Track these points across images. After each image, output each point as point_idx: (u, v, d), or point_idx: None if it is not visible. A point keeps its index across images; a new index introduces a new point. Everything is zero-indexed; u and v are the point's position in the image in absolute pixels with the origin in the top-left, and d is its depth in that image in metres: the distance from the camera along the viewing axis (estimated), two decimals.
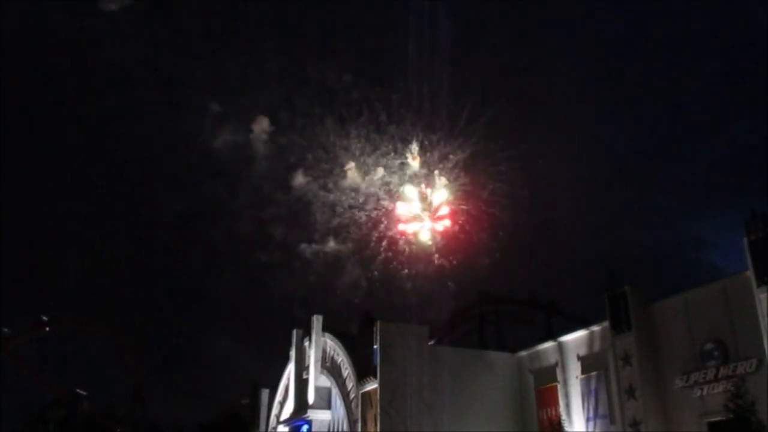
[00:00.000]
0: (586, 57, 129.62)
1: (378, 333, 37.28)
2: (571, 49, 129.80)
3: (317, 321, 44.28)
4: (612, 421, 32.47)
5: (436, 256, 75.00)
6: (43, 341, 75.00)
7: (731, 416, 25.07)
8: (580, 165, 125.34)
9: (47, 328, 74.23)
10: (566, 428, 33.73)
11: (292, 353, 46.97)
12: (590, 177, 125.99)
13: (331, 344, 42.96)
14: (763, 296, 26.19)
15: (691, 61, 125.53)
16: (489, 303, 61.14)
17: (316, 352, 43.54)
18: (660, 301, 32.18)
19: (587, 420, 33.87)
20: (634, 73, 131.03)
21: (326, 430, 42.68)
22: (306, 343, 45.60)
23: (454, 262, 73.24)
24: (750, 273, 26.92)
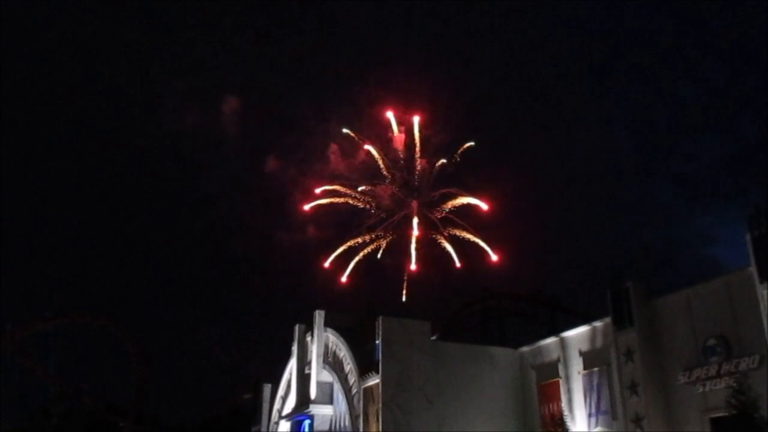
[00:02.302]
0: (589, 51, 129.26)
1: (380, 328, 37.28)
2: (574, 43, 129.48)
3: (319, 316, 44.29)
4: (614, 417, 32.43)
5: (416, 247, 74.67)
6: (46, 335, 75.10)
7: (734, 412, 24.97)
8: (582, 160, 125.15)
9: (50, 323, 74.25)
10: (568, 424, 33.69)
11: (294, 348, 47.00)
12: (593, 172, 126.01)
13: (333, 339, 42.96)
14: (765, 292, 26.08)
15: (694, 55, 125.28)
16: (491, 298, 61.14)
17: (318, 347, 43.56)
18: (663, 297, 32.07)
19: (589, 416, 33.83)
20: (637, 68, 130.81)
21: (328, 425, 42.74)
22: (308, 338, 45.62)
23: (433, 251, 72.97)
24: (753, 269, 26.81)
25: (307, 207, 73.77)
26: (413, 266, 68.78)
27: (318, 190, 72.92)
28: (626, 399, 31.31)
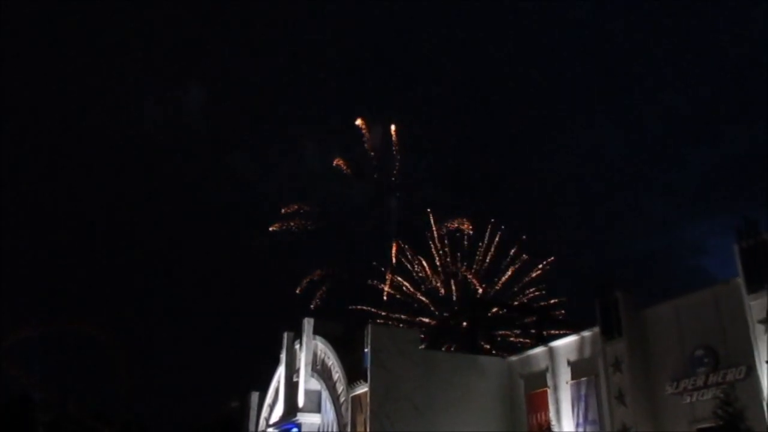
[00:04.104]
0: (581, 60, 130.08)
1: (368, 336, 37.19)
2: (566, 54, 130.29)
3: (308, 324, 44.15)
4: (601, 427, 32.43)
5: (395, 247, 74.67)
6: (33, 343, 74.53)
7: (720, 423, 25.04)
8: (572, 169, 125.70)
9: (36, 330, 73.72)
10: None
11: (283, 356, 46.81)
12: (583, 181, 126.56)
13: (322, 347, 42.82)
14: (753, 303, 26.22)
15: (686, 66, 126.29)
16: (481, 307, 61.18)
17: (306, 355, 43.39)
18: (651, 308, 32.18)
19: (577, 425, 33.82)
20: (629, 78, 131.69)
21: None
22: (297, 346, 45.45)
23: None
24: (740, 280, 26.95)
25: (272, 228, 73.94)
26: (385, 296, 69.10)
27: (284, 210, 73.10)
28: (614, 409, 31.32)
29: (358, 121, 77.45)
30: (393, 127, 76.36)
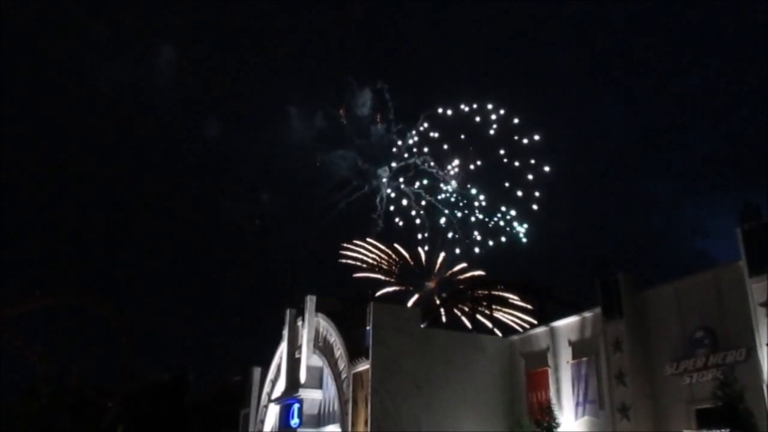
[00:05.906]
0: (583, 39, 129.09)
1: (371, 314, 37.42)
2: (571, 33, 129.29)
3: (310, 301, 44.38)
4: (601, 406, 32.74)
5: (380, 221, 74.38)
6: (35, 315, 75.07)
7: (719, 404, 25.26)
8: (575, 150, 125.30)
9: (38, 302, 74.23)
10: (555, 412, 33.95)
11: (285, 332, 47.09)
12: (585, 162, 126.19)
13: (324, 324, 43.08)
14: (754, 286, 26.36)
15: (689, 47, 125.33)
16: (482, 287, 61.44)
17: (308, 331, 43.68)
18: (652, 289, 32.36)
19: (576, 404, 34.12)
20: (632, 58, 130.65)
21: (317, 409, 43.00)
22: (299, 323, 45.72)
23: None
24: (743, 263, 27.04)
25: (257, 221, 73.53)
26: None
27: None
28: (613, 389, 31.60)
29: (341, 111, 76.54)
30: (380, 106, 75.38)
